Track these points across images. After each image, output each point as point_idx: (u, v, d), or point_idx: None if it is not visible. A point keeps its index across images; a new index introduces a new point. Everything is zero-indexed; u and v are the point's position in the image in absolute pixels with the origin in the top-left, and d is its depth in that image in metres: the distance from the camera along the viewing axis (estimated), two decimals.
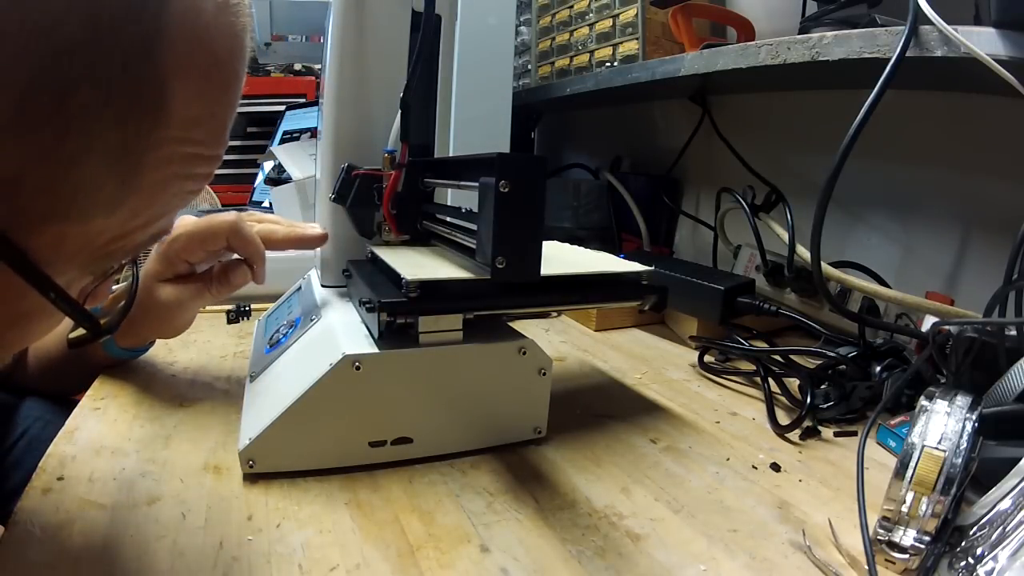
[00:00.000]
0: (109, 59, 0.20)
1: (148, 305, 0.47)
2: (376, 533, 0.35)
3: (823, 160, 0.50)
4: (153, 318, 0.48)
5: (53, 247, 0.22)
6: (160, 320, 0.48)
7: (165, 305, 0.47)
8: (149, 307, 0.47)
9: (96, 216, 0.22)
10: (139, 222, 0.24)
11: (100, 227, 0.23)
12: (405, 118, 0.47)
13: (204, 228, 0.46)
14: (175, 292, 0.47)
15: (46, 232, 0.21)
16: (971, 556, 0.30)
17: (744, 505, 0.40)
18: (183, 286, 0.47)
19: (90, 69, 0.20)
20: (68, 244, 0.22)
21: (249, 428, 0.40)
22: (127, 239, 0.24)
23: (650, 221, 1.01)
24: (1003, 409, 0.37)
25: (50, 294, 0.22)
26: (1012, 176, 0.61)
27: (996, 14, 0.44)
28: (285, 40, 1.31)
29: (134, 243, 0.25)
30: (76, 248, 0.23)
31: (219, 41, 0.23)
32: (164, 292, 0.47)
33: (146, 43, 0.21)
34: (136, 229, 0.24)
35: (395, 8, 0.51)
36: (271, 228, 0.49)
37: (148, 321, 0.49)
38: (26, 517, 0.34)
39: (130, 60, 0.20)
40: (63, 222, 0.22)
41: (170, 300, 0.47)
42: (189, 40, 0.22)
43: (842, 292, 0.66)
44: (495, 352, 0.43)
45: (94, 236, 0.23)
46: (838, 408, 0.52)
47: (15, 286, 0.22)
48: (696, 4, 0.78)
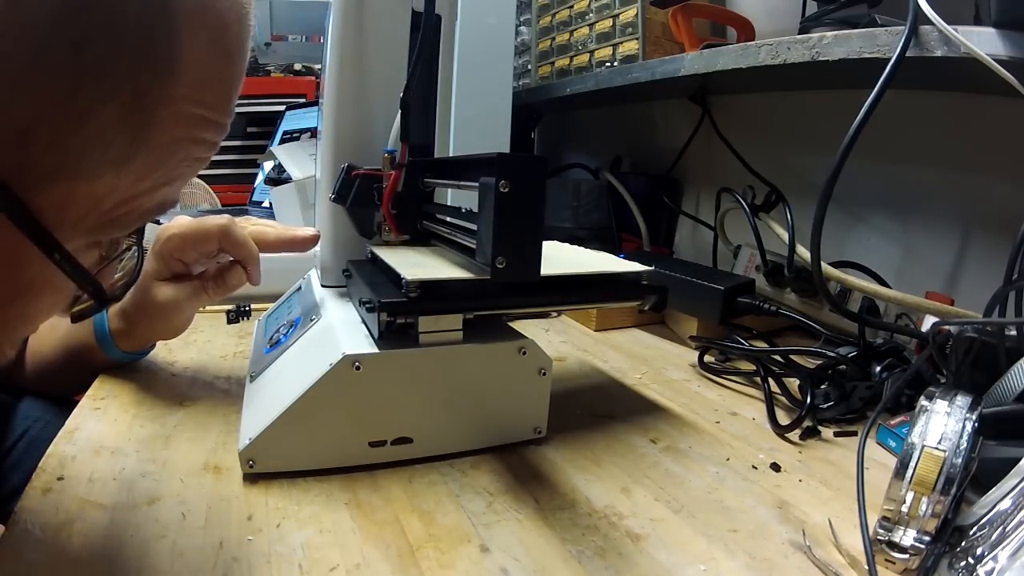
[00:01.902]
0: (124, 12, 0.20)
1: (145, 304, 0.48)
2: (376, 533, 0.35)
3: (823, 160, 0.50)
4: (151, 318, 0.48)
5: (60, 207, 0.22)
6: (158, 320, 0.49)
7: (162, 304, 0.47)
8: (146, 306, 0.48)
9: (105, 174, 0.22)
10: (146, 185, 0.24)
11: (108, 187, 0.23)
12: (405, 118, 0.47)
13: (196, 229, 0.46)
14: (172, 291, 0.47)
15: (54, 190, 0.21)
16: (971, 556, 0.30)
17: (744, 505, 0.40)
18: (180, 285, 0.48)
19: (107, 21, 0.20)
20: (75, 205, 0.22)
21: (249, 428, 0.40)
22: (133, 204, 0.24)
23: (650, 221, 1.01)
24: (1003, 409, 0.37)
25: (55, 255, 0.22)
26: (1012, 176, 0.61)
27: (996, 14, 0.44)
28: (285, 40, 1.31)
29: (140, 210, 0.24)
30: (83, 210, 0.22)
31: (228, 9, 0.24)
32: (161, 291, 0.47)
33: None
34: (143, 194, 0.24)
35: (395, 8, 0.51)
36: (263, 230, 0.50)
37: (146, 321, 0.49)
38: (26, 517, 0.34)
39: (144, 14, 0.21)
40: (72, 179, 0.21)
41: (167, 299, 0.47)
42: (201, 1, 0.23)
43: (842, 292, 0.66)
44: (495, 352, 0.43)
45: (101, 197, 0.23)
46: (838, 408, 0.52)
47: (19, 250, 0.21)
48: (696, 4, 0.78)
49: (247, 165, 1.96)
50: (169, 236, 0.46)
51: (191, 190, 1.98)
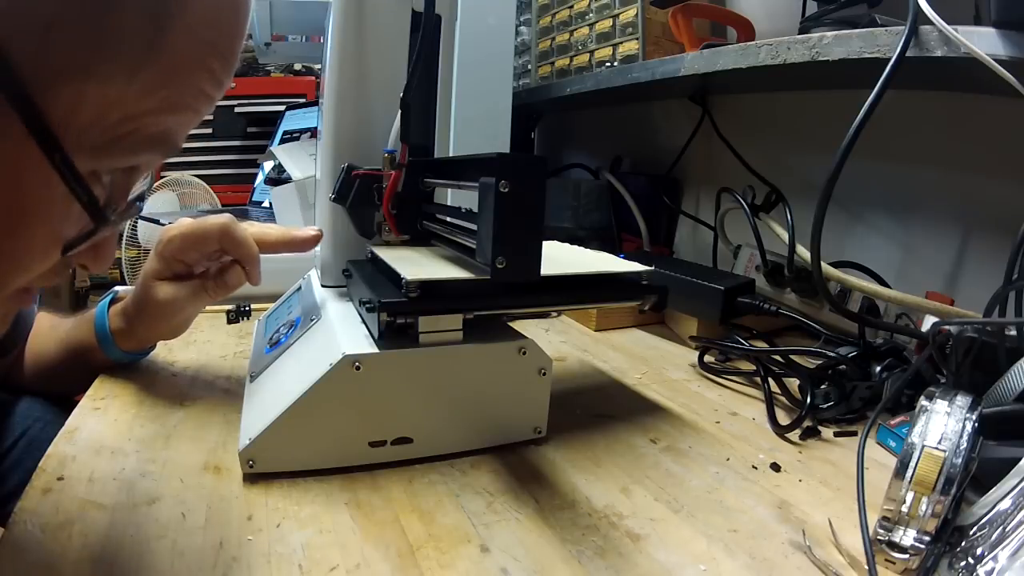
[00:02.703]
0: None
1: (146, 304, 0.48)
2: (376, 533, 0.35)
3: (823, 160, 0.50)
4: (152, 317, 0.49)
5: (68, 110, 0.21)
6: (158, 319, 0.49)
7: (163, 304, 0.47)
8: (147, 306, 0.48)
9: (117, 77, 0.22)
10: (153, 103, 0.23)
11: (117, 93, 0.22)
12: (405, 118, 0.47)
13: (196, 229, 0.47)
14: (172, 291, 0.48)
15: (64, 91, 0.21)
16: (971, 556, 0.30)
17: (744, 505, 0.40)
18: (180, 285, 0.48)
19: None
20: (83, 109, 0.22)
21: (249, 428, 0.40)
22: (138, 123, 0.23)
23: (650, 221, 1.01)
24: (1003, 409, 0.37)
25: (55, 156, 0.21)
26: (1012, 176, 0.61)
27: (996, 14, 0.44)
28: (285, 40, 1.31)
29: (143, 133, 0.24)
30: (90, 117, 0.22)
31: None
32: (162, 291, 0.47)
33: None
34: (148, 113, 0.23)
35: (395, 8, 0.51)
36: (264, 230, 0.50)
37: (148, 321, 0.49)
38: (26, 517, 0.34)
39: None
40: (84, 79, 0.21)
41: (167, 299, 0.47)
42: None
43: (842, 292, 0.66)
44: (495, 352, 0.43)
45: (109, 105, 0.22)
46: (838, 408, 0.52)
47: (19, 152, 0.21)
48: (696, 4, 0.78)
49: (247, 165, 1.96)
50: (171, 237, 0.47)
51: (191, 190, 1.98)
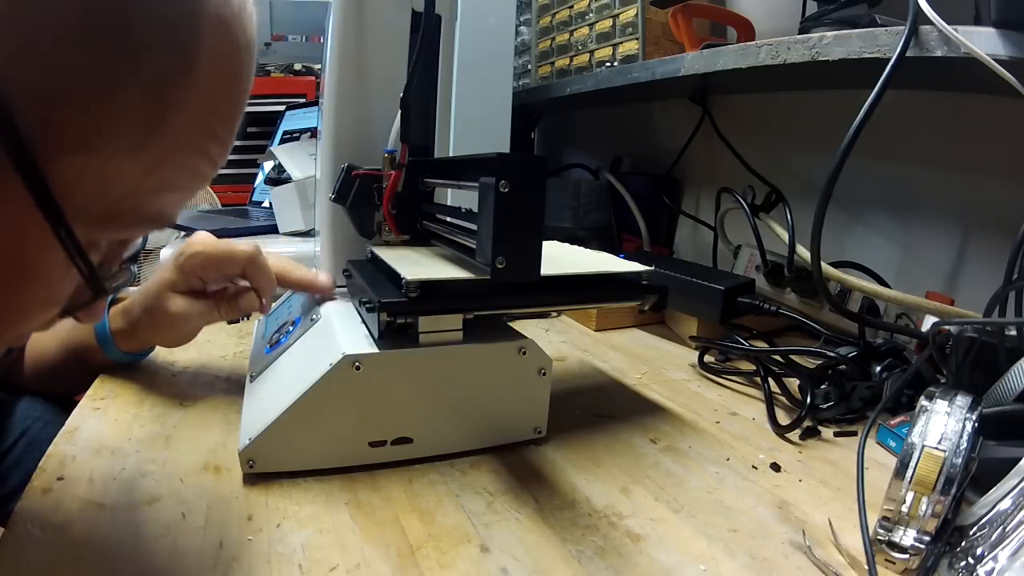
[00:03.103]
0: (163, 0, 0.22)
1: (157, 312, 0.48)
2: (376, 533, 0.35)
3: (823, 160, 0.50)
4: (159, 325, 0.49)
5: (71, 183, 0.22)
6: (165, 329, 0.49)
7: (173, 315, 0.48)
8: (158, 314, 0.48)
9: (119, 154, 0.22)
10: (152, 183, 0.24)
11: (118, 171, 0.23)
12: (405, 118, 0.47)
13: (225, 252, 0.47)
14: (185, 305, 0.48)
15: (69, 163, 0.21)
16: (971, 556, 0.30)
17: (744, 505, 0.40)
18: (194, 301, 0.49)
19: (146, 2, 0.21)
20: (85, 184, 0.22)
21: (249, 428, 0.40)
22: (137, 200, 0.24)
23: (650, 221, 1.01)
24: (1003, 409, 0.37)
25: (60, 230, 0.22)
26: (1012, 176, 0.61)
27: (996, 14, 0.44)
28: (285, 40, 1.32)
29: (141, 211, 0.25)
30: (92, 192, 0.22)
31: (243, 33, 0.25)
32: (175, 303, 0.48)
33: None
34: (147, 192, 0.24)
35: (395, 8, 0.51)
36: (286, 267, 0.52)
37: (154, 328, 0.50)
38: (26, 517, 0.34)
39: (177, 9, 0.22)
40: (88, 153, 0.22)
41: (179, 311, 0.48)
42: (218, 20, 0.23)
43: (842, 292, 0.66)
44: (495, 352, 0.43)
45: (110, 182, 0.23)
46: (838, 408, 0.52)
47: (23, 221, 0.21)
48: (696, 4, 0.78)
49: (247, 165, 1.96)
50: (195, 252, 0.47)
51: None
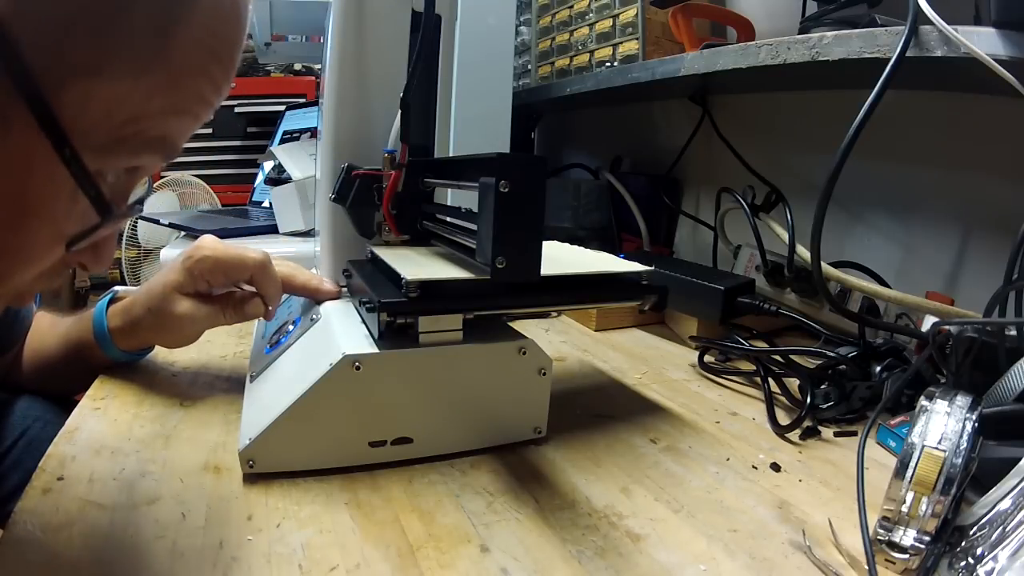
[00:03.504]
0: None
1: (162, 313, 0.48)
2: (376, 533, 0.35)
3: (823, 160, 0.50)
4: (163, 326, 0.49)
5: (77, 108, 0.22)
6: (168, 329, 0.49)
7: (178, 317, 0.48)
8: (162, 315, 0.48)
9: (124, 78, 0.23)
10: (156, 106, 0.24)
11: (124, 94, 0.23)
12: (405, 118, 0.47)
13: (235, 258, 0.48)
14: (191, 307, 0.48)
15: (74, 88, 0.22)
16: (971, 556, 0.30)
17: (744, 505, 0.40)
18: (200, 304, 0.49)
19: None
20: (91, 108, 0.23)
21: (249, 428, 0.40)
22: (141, 125, 0.24)
23: (650, 221, 1.01)
24: (1003, 409, 0.37)
25: (64, 150, 0.22)
26: (1012, 176, 0.61)
27: (996, 14, 0.44)
28: (285, 40, 1.31)
29: (145, 135, 0.25)
30: (97, 117, 0.23)
31: None
32: (181, 305, 0.48)
33: None
34: (151, 116, 0.24)
35: (395, 8, 0.51)
36: (292, 273, 0.52)
37: (157, 328, 0.50)
38: (26, 517, 0.34)
39: None
40: (93, 78, 0.22)
41: (184, 313, 0.48)
42: None
43: (842, 292, 0.66)
44: (495, 352, 0.43)
45: (115, 105, 0.23)
46: (838, 408, 0.52)
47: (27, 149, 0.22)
48: (696, 4, 0.78)
49: (247, 165, 1.96)
50: (204, 256, 0.47)
51: (191, 190, 1.98)
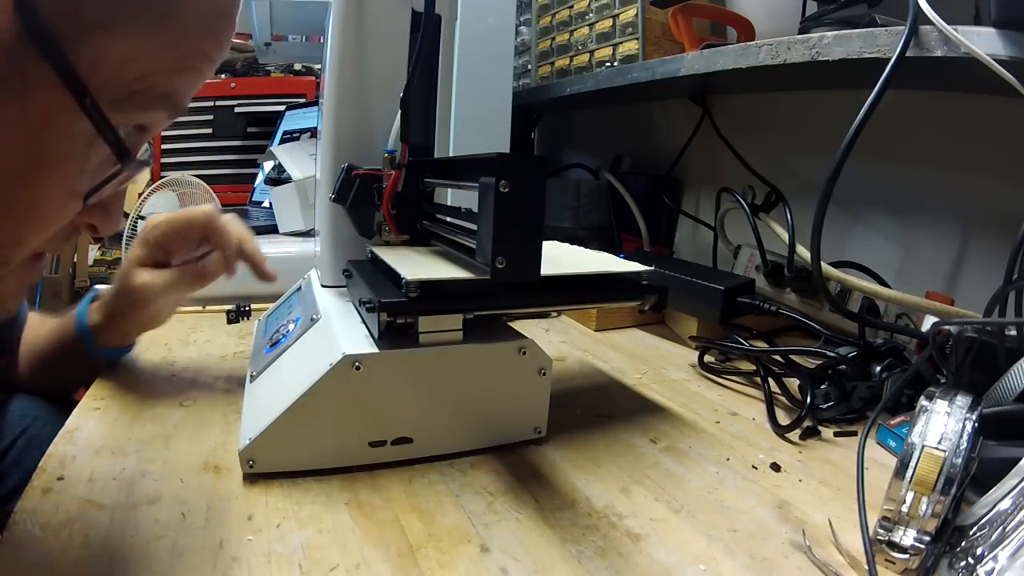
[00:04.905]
0: None
1: (125, 289, 0.49)
2: (376, 533, 0.35)
3: (823, 160, 0.50)
4: (129, 304, 0.49)
5: (92, 64, 0.24)
6: (135, 306, 0.50)
7: (140, 288, 0.48)
8: (126, 291, 0.49)
9: (136, 35, 0.24)
10: (165, 62, 0.26)
11: (135, 50, 0.24)
12: (405, 118, 0.47)
13: (181, 215, 0.49)
14: (150, 276, 0.49)
15: (90, 44, 0.23)
16: (971, 556, 0.30)
17: (744, 505, 0.40)
18: (158, 272, 0.49)
19: None
20: (105, 64, 0.24)
21: (249, 428, 0.40)
22: (151, 80, 0.26)
23: (650, 221, 1.01)
24: (1003, 409, 0.37)
25: (85, 100, 0.24)
26: (1012, 176, 0.61)
27: (996, 14, 0.44)
28: (285, 40, 1.31)
29: (155, 91, 0.26)
30: (110, 72, 0.24)
31: None
32: (140, 276, 0.49)
33: None
34: (161, 72, 0.26)
35: (395, 8, 0.51)
36: (245, 235, 0.51)
37: (125, 308, 0.50)
38: (26, 517, 0.34)
39: None
40: (108, 34, 0.24)
41: (145, 284, 0.48)
42: None
43: (842, 292, 0.66)
44: (495, 352, 0.43)
45: (128, 62, 0.24)
46: (838, 408, 0.52)
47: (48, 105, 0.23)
48: (696, 4, 0.78)
49: (247, 165, 1.96)
50: (155, 223, 0.49)
51: (191, 190, 1.97)
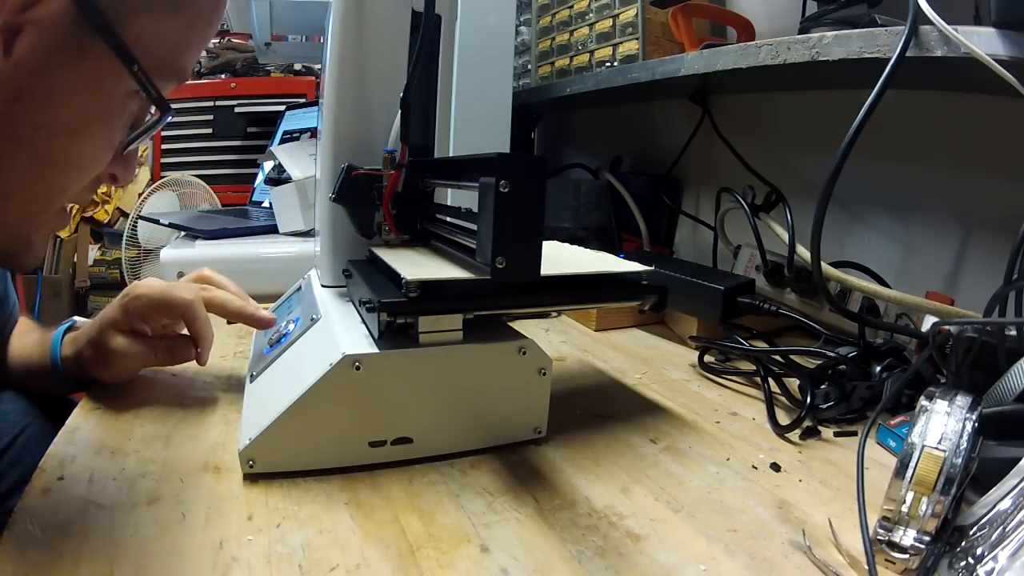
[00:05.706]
0: None
1: (99, 346, 0.49)
2: (376, 533, 0.35)
3: (823, 160, 0.50)
4: (98, 360, 0.49)
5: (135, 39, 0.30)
6: (103, 363, 0.49)
7: (113, 352, 0.48)
8: (99, 348, 0.49)
9: (166, 17, 0.31)
10: (184, 41, 0.33)
11: (165, 29, 0.32)
12: (405, 118, 0.47)
13: (164, 298, 0.49)
14: (124, 344, 0.49)
15: (132, 26, 0.30)
16: (971, 556, 0.30)
17: (744, 505, 0.40)
18: (132, 341, 0.49)
19: None
20: (143, 40, 0.31)
21: (249, 428, 0.40)
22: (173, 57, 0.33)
23: (650, 221, 1.01)
24: (1003, 409, 0.37)
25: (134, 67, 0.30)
26: (1012, 176, 0.61)
27: (996, 14, 0.44)
28: (285, 40, 1.32)
29: (175, 65, 0.34)
30: (147, 47, 0.31)
31: None
32: (115, 340, 0.49)
33: None
34: (181, 49, 0.33)
35: (395, 8, 0.51)
36: (224, 300, 0.52)
37: (93, 361, 0.50)
38: (26, 517, 0.34)
39: None
40: (146, 15, 0.30)
41: (117, 349, 0.48)
42: None
43: (842, 292, 0.66)
44: (495, 352, 0.43)
45: (159, 39, 0.31)
46: (838, 408, 0.52)
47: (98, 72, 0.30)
48: (696, 4, 0.78)
49: (247, 165, 1.96)
50: (138, 295, 0.48)
51: (191, 190, 1.98)
